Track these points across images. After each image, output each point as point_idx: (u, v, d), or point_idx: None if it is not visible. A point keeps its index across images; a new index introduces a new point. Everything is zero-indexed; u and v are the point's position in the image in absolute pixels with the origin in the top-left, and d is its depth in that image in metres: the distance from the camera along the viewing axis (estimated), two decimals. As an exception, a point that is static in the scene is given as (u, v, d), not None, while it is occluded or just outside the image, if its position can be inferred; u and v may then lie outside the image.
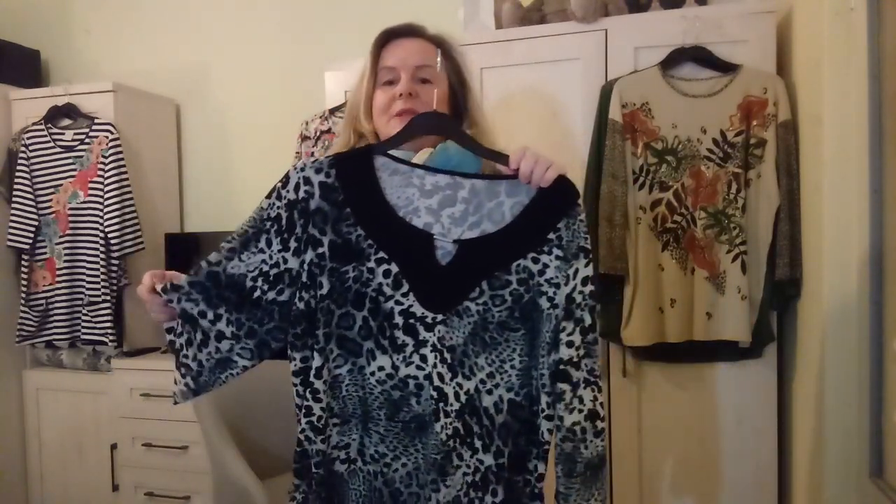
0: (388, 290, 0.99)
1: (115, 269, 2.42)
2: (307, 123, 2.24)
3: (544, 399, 0.99)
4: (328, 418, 1.01)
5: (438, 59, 1.14)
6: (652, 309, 1.75)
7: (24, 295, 2.50)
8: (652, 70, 1.77)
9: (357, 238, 0.99)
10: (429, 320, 0.99)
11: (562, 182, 1.00)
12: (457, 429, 0.98)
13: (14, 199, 2.49)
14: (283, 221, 0.99)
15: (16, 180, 2.49)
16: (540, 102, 1.92)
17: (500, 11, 2.01)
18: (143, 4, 2.93)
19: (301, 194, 0.99)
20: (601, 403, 1.00)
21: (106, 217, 2.38)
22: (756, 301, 1.73)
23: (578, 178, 1.84)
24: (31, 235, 2.49)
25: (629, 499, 1.87)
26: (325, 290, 0.99)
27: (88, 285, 2.42)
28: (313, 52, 2.61)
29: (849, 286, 1.43)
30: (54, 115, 2.50)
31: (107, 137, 2.42)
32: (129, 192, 2.43)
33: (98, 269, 2.39)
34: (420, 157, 1.05)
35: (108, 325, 2.38)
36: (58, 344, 2.52)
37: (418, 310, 0.99)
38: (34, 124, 2.52)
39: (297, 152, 2.24)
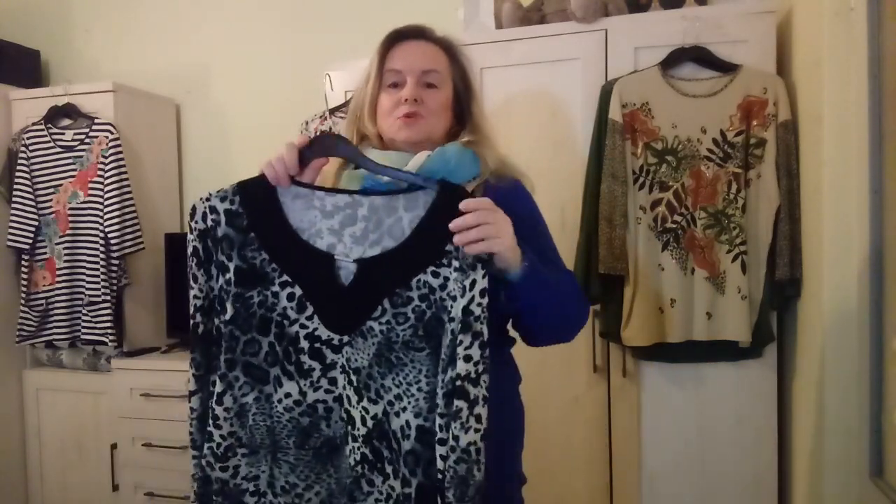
0: (292, 314, 0.98)
1: (115, 269, 2.41)
2: (307, 124, 2.24)
3: (437, 422, 0.94)
4: (236, 447, 0.99)
5: (445, 63, 1.14)
6: (652, 309, 1.75)
7: (24, 295, 2.49)
8: (652, 70, 1.77)
9: (261, 262, 0.99)
10: (335, 342, 0.98)
11: (454, 188, 0.98)
12: (364, 454, 0.97)
13: (14, 199, 2.49)
14: (201, 252, 0.99)
15: (16, 180, 2.49)
16: (540, 102, 1.92)
17: (500, 11, 2.01)
18: (143, 4, 2.92)
19: (209, 223, 0.99)
20: None
21: (106, 217, 2.38)
22: (756, 301, 1.73)
23: (578, 177, 1.85)
24: (31, 235, 2.49)
25: (629, 499, 1.88)
26: (228, 316, 0.98)
27: (88, 285, 2.42)
28: (314, 52, 2.61)
29: (849, 286, 1.42)
30: (54, 115, 2.50)
31: (107, 137, 2.41)
32: (129, 192, 2.43)
33: (98, 269, 2.39)
34: (417, 160, 1.05)
35: (108, 325, 2.38)
36: (58, 344, 2.52)
37: (324, 332, 0.98)
38: (34, 124, 2.51)
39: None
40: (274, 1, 2.74)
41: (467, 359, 0.93)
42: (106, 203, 2.39)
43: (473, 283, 0.94)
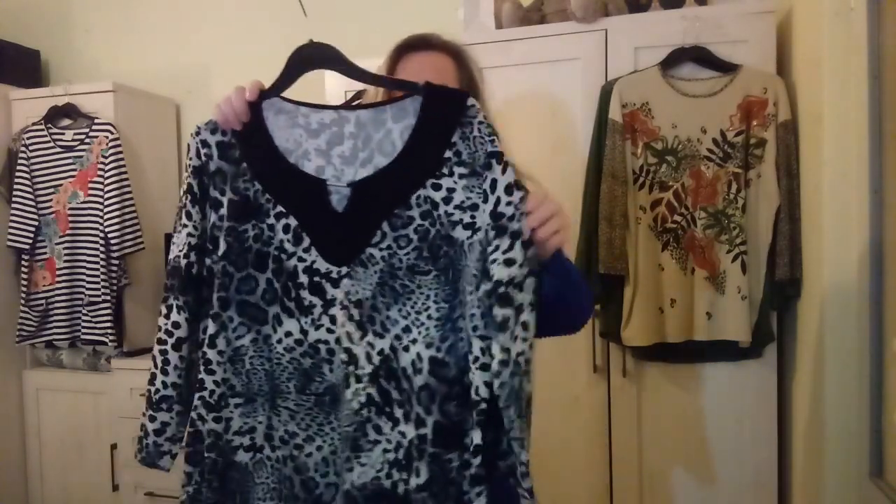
0: (289, 247, 0.91)
1: (115, 269, 2.42)
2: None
3: (477, 345, 0.86)
4: (229, 397, 0.92)
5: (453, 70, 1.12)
6: (652, 309, 1.75)
7: (24, 295, 2.49)
8: (652, 70, 1.77)
9: (255, 194, 0.92)
10: (334, 275, 0.90)
11: (446, 91, 0.92)
12: (370, 396, 0.88)
13: (14, 199, 2.49)
14: (196, 189, 0.94)
15: (16, 180, 2.49)
16: (540, 102, 1.92)
17: (500, 11, 2.01)
18: (143, 4, 2.93)
19: (202, 158, 0.93)
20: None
21: (106, 217, 2.38)
22: (756, 301, 1.73)
23: (578, 177, 1.85)
24: (31, 235, 2.49)
25: (629, 499, 1.88)
26: (221, 251, 0.91)
27: (88, 285, 2.42)
28: (313, 52, 2.61)
29: (849, 286, 1.42)
30: (54, 115, 2.50)
31: (107, 137, 2.41)
32: (129, 192, 2.43)
33: (98, 269, 2.39)
34: None
35: (108, 325, 2.38)
36: (58, 344, 2.52)
37: (322, 265, 0.91)
38: (34, 124, 2.51)
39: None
40: (274, 1, 2.74)
41: (509, 262, 0.84)
42: (106, 203, 2.39)
43: (494, 182, 0.86)
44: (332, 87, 2.30)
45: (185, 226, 0.94)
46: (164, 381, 0.95)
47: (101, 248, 2.39)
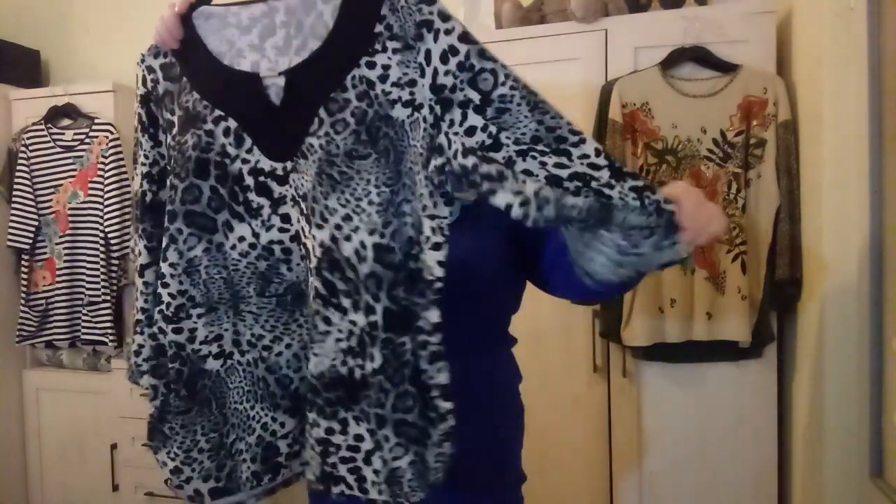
0: (231, 150, 0.89)
1: (115, 269, 2.41)
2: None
3: (427, 225, 0.82)
4: (189, 308, 0.91)
5: None
6: (652, 309, 1.75)
7: (24, 295, 2.49)
8: (652, 70, 1.77)
9: (194, 103, 0.90)
10: (279, 172, 0.88)
11: None
12: (317, 289, 0.85)
13: (14, 199, 2.49)
14: (146, 118, 0.94)
15: (16, 180, 2.49)
16: (540, 102, 1.92)
17: (500, 11, 2.01)
18: (143, 4, 2.92)
19: (149, 85, 0.94)
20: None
21: (106, 217, 2.38)
22: (756, 301, 1.73)
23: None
24: (31, 235, 2.49)
25: (629, 499, 1.88)
26: (169, 167, 0.91)
27: (88, 285, 2.42)
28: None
29: (849, 286, 1.43)
30: (54, 115, 2.50)
31: (107, 137, 2.41)
32: (130, 192, 2.42)
33: (98, 269, 2.39)
34: None
35: (108, 325, 2.38)
36: (58, 344, 2.52)
37: (266, 164, 0.89)
38: (34, 124, 2.51)
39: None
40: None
41: (470, 131, 0.80)
42: (106, 203, 2.39)
43: (428, 54, 0.81)
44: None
45: (138, 156, 0.95)
46: (136, 306, 0.97)
47: (101, 248, 2.39)
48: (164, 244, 0.90)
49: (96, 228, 2.41)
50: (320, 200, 0.85)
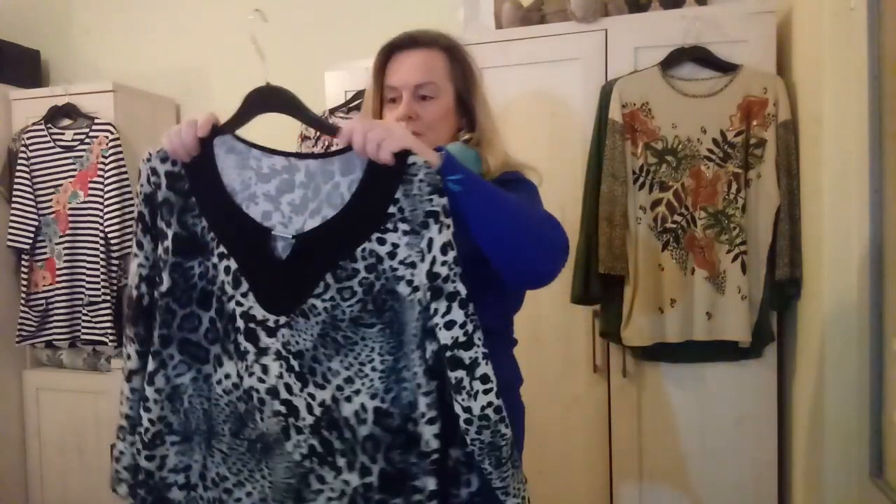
0: (228, 289, 0.90)
1: (115, 269, 2.41)
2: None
3: (423, 402, 0.86)
4: (165, 434, 0.92)
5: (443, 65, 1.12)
6: (652, 309, 1.75)
7: (24, 295, 2.49)
8: (652, 70, 1.77)
9: (202, 230, 0.91)
10: (270, 324, 0.89)
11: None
12: (313, 446, 0.88)
13: (14, 199, 2.49)
14: (147, 218, 0.93)
15: (16, 180, 2.49)
16: (539, 103, 1.92)
17: (500, 11, 2.00)
18: (143, 5, 2.92)
19: (151, 186, 0.93)
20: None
21: (106, 217, 2.38)
22: (756, 301, 1.73)
23: (578, 178, 1.84)
24: (31, 235, 2.49)
25: (629, 498, 1.87)
26: (164, 287, 0.91)
27: (88, 285, 2.42)
28: (313, 52, 2.61)
29: (849, 286, 1.43)
30: (54, 115, 2.50)
31: (107, 137, 2.41)
32: (130, 192, 2.42)
33: (98, 269, 2.39)
34: None
35: (108, 325, 2.38)
36: (58, 344, 2.52)
37: (258, 312, 0.90)
38: (34, 124, 2.51)
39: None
40: (274, 1, 2.74)
41: (450, 325, 0.85)
42: (106, 203, 2.39)
43: (431, 242, 0.86)
44: (332, 85, 2.30)
45: (137, 255, 0.94)
46: (121, 411, 0.97)
47: (101, 248, 2.38)
48: (151, 367, 0.90)
49: (96, 228, 2.41)
50: (323, 362, 0.89)
